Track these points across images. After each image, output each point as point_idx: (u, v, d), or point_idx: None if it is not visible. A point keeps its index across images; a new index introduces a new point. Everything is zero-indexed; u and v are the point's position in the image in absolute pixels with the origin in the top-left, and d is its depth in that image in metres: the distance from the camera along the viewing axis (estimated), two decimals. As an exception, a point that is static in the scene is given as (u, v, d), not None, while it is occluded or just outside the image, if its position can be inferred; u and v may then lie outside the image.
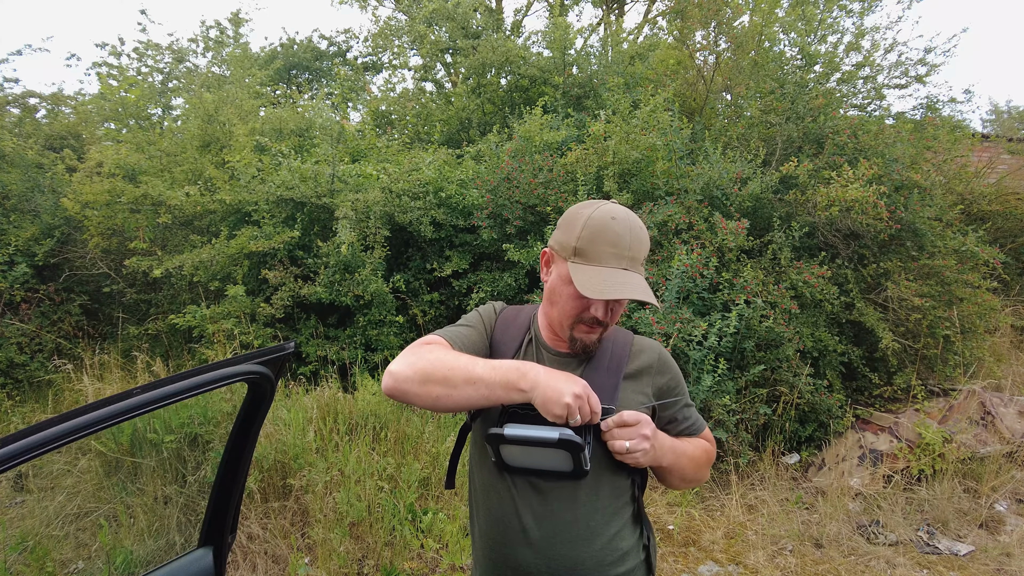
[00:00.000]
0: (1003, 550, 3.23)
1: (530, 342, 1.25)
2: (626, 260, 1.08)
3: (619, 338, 1.25)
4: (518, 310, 1.31)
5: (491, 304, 1.33)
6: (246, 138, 5.39)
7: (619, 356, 1.21)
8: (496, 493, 1.19)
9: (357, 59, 12.62)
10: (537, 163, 4.76)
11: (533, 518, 1.15)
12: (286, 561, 2.87)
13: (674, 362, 1.30)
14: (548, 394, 1.00)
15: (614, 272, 1.07)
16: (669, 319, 3.81)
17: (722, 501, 3.72)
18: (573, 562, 1.14)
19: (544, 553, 1.14)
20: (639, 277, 1.09)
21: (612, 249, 1.07)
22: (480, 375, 1.04)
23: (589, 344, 1.16)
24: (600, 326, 1.15)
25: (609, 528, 1.17)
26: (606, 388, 1.16)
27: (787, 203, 4.59)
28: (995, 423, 3.95)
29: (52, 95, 7.86)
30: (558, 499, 1.15)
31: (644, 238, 1.11)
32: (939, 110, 5.87)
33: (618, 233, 1.08)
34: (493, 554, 1.21)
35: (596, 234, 1.08)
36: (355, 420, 3.60)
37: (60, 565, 2.80)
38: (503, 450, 1.10)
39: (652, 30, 9.94)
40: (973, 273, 4.62)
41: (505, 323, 1.27)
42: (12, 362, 4.92)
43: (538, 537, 1.14)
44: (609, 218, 1.09)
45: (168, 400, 1.13)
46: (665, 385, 1.25)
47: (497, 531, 1.19)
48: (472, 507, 1.29)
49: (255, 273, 4.76)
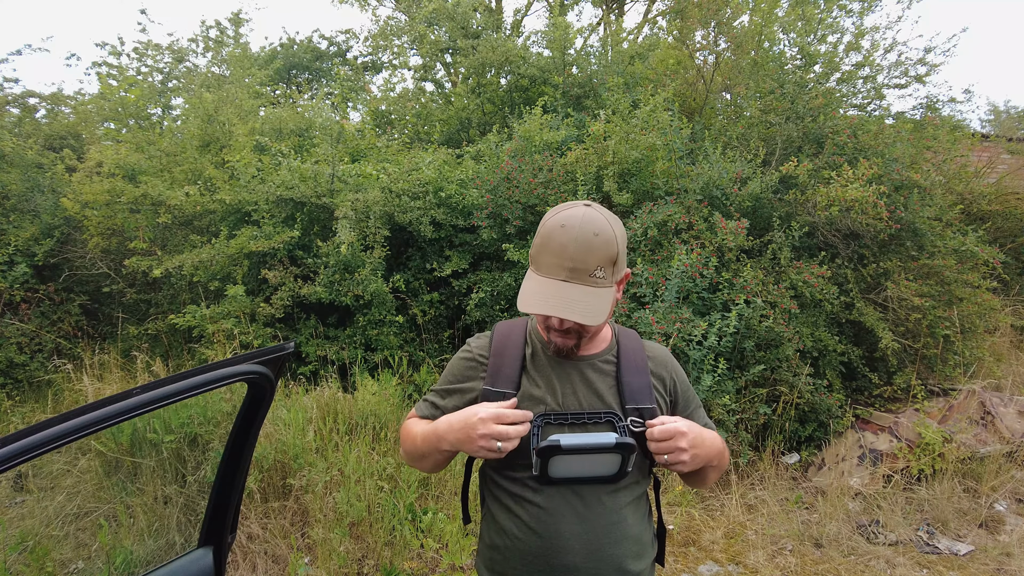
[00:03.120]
0: (1003, 550, 3.23)
1: (533, 351, 1.23)
2: (566, 271, 1.04)
3: (632, 340, 1.28)
4: (511, 325, 1.28)
5: (465, 346, 1.30)
6: (246, 138, 5.39)
7: (640, 356, 1.25)
8: (533, 505, 1.16)
9: (357, 59, 12.62)
10: (537, 163, 4.76)
11: (579, 522, 1.15)
12: (286, 561, 2.87)
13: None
14: (461, 443, 1.09)
15: (552, 284, 1.05)
16: (669, 319, 3.81)
17: (722, 501, 3.72)
18: (619, 560, 1.16)
19: (594, 556, 1.15)
20: (580, 289, 1.05)
21: (554, 259, 1.05)
22: (424, 450, 1.20)
23: (563, 348, 1.16)
24: (570, 333, 1.14)
25: (640, 523, 1.22)
26: (643, 388, 1.20)
27: (787, 203, 4.59)
28: (995, 423, 3.95)
29: (52, 95, 7.86)
30: (600, 502, 1.16)
31: (597, 246, 1.05)
32: (939, 110, 5.87)
33: (562, 243, 1.05)
34: (535, 564, 1.17)
35: (543, 243, 1.08)
36: (355, 420, 3.60)
37: (60, 565, 2.80)
38: (553, 462, 1.07)
39: (652, 30, 9.95)
40: (973, 273, 4.62)
41: (501, 345, 1.24)
42: (12, 362, 4.92)
43: (585, 541, 1.14)
44: (559, 226, 1.06)
45: (168, 400, 1.13)
46: (681, 387, 1.29)
47: (539, 542, 1.15)
48: (492, 524, 1.24)
49: (255, 273, 4.76)
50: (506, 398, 1.15)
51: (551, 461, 1.06)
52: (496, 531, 1.21)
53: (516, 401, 1.12)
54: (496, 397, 1.16)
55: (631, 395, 1.18)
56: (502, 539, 1.19)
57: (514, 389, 1.17)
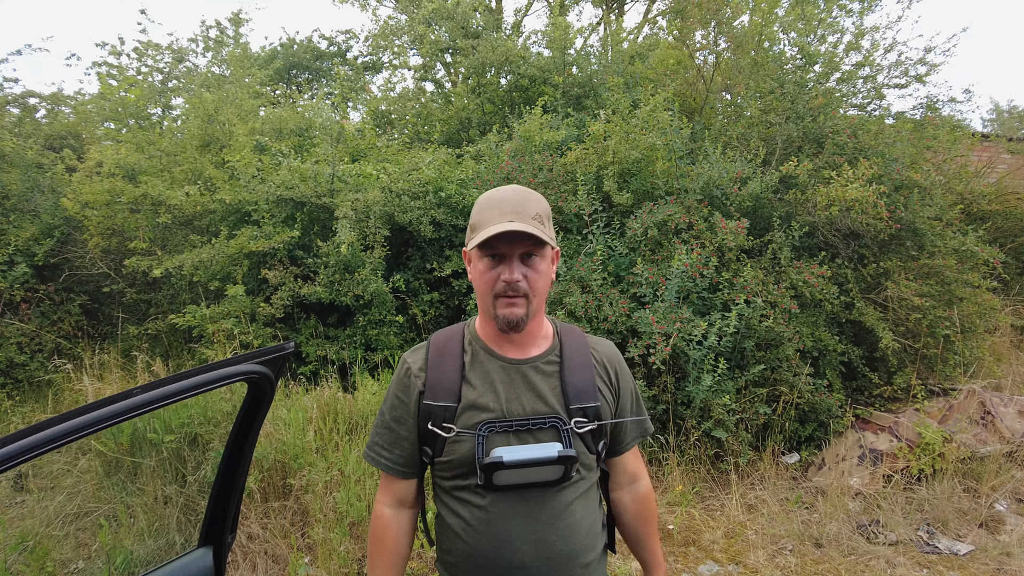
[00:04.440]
0: (1003, 550, 3.23)
1: (473, 357, 1.23)
2: (510, 214, 1.11)
3: (575, 336, 1.29)
4: (446, 335, 1.28)
5: (401, 362, 1.29)
6: (246, 138, 5.39)
7: (584, 353, 1.25)
8: (480, 509, 1.18)
9: (357, 59, 12.63)
10: (537, 163, 4.76)
11: (526, 522, 1.17)
12: (286, 561, 2.87)
13: None
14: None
15: (500, 225, 1.10)
16: (669, 319, 3.81)
17: (722, 501, 3.72)
18: (568, 555, 1.19)
19: (542, 554, 1.17)
20: (526, 224, 1.10)
21: (496, 211, 1.12)
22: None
23: (513, 319, 1.15)
24: (518, 295, 1.14)
25: (589, 516, 1.24)
26: (587, 387, 1.21)
27: (787, 203, 4.59)
28: (995, 423, 3.95)
29: (52, 95, 7.88)
30: (545, 502, 1.18)
31: (532, 199, 1.14)
32: (939, 110, 5.86)
33: (500, 197, 1.14)
34: (486, 565, 1.19)
35: (481, 207, 1.16)
36: (355, 420, 3.60)
37: (60, 565, 2.80)
38: (497, 474, 1.11)
39: (652, 30, 9.95)
40: (973, 273, 4.62)
41: (438, 358, 1.23)
42: (12, 362, 4.92)
43: (533, 541, 1.17)
44: (495, 191, 1.17)
45: (168, 400, 1.13)
46: (622, 384, 1.30)
47: (487, 544, 1.17)
48: (444, 530, 1.25)
49: (255, 273, 4.77)
50: (447, 411, 1.17)
51: (495, 473, 1.10)
52: (449, 536, 1.23)
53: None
54: (437, 411, 1.17)
55: (575, 395, 1.20)
56: (454, 543, 1.22)
57: (454, 402, 1.18)
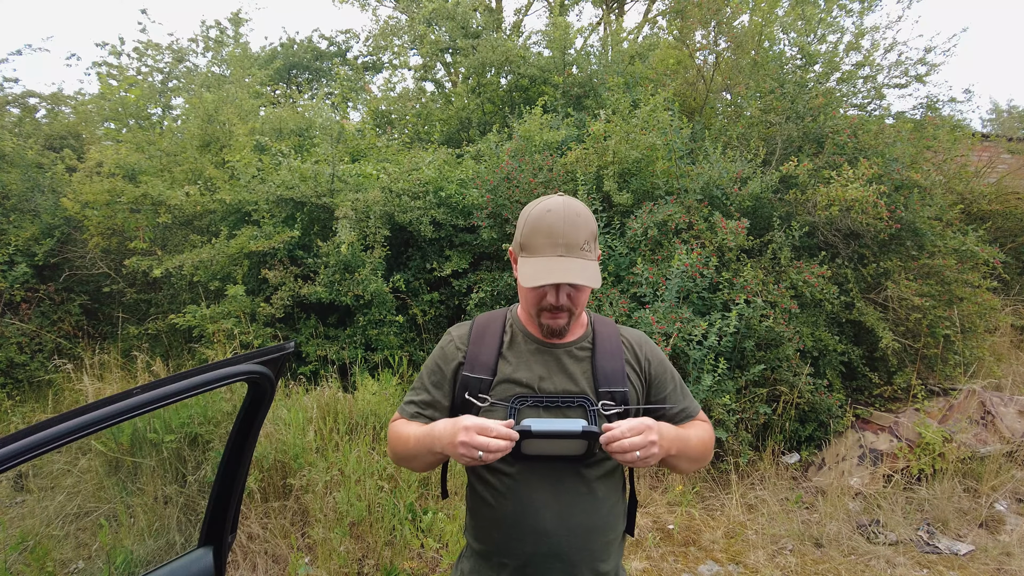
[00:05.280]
0: (1003, 549, 3.23)
1: (512, 338, 1.32)
2: (561, 247, 1.17)
3: (608, 326, 1.36)
4: (489, 316, 1.38)
5: (447, 335, 1.39)
6: (246, 138, 5.39)
7: (615, 342, 1.33)
8: (508, 476, 1.25)
9: (357, 59, 12.62)
10: (537, 163, 4.76)
11: (550, 491, 1.24)
12: (286, 561, 2.87)
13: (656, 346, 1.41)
14: (446, 448, 1.16)
15: (550, 260, 1.17)
16: (669, 319, 3.81)
17: (722, 501, 3.72)
18: (588, 528, 1.25)
19: (564, 523, 1.24)
20: (577, 261, 1.17)
21: (547, 240, 1.18)
22: (416, 451, 1.25)
23: (556, 328, 1.26)
24: (562, 311, 1.23)
25: (611, 495, 1.30)
26: (616, 373, 1.28)
27: (787, 203, 4.59)
28: (995, 422, 3.95)
29: (52, 95, 7.86)
30: (570, 474, 1.25)
31: (581, 224, 1.19)
32: (939, 110, 5.86)
33: (551, 224, 1.18)
34: (510, 529, 1.26)
35: (533, 228, 1.20)
36: (355, 420, 3.60)
37: (60, 565, 2.80)
38: (525, 443, 1.16)
39: (652, 30, 9.94)
40: (973, 273, 4.62)
41: (480, 335, 1.33)
42: (12, 362, 4.92)
43: (556, 510, 1.23)
44: (545, 211, 1.20)
45: (168, 400, 1.13)
46: (656, 369, 1.34)
47: (513, 508, 1.24)
48: (473, 494, 1.33)
49: (255, 273, 4.76)
50: (483, 383, 1.26)
51: (523, 442, 1.15)
52: (477, 502, 1.31)
53: (513, 421, 1.17)
54: (474, 382, 1.27)
55: (605, 379, 1.27)
56: (481, 509, 1.30)
57: (490, 375, 1.27)
